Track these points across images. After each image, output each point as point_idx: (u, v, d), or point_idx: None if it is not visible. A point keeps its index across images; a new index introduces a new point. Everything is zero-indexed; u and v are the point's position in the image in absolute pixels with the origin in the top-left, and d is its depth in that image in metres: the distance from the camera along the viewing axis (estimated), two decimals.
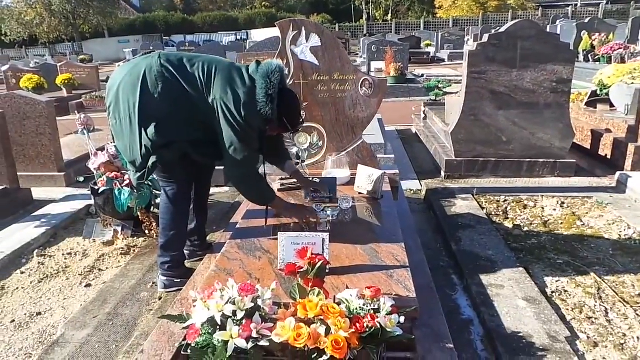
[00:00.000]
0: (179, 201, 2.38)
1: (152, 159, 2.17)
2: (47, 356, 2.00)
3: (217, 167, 4.32)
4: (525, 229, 3.13)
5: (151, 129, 2.10)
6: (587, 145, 4.75)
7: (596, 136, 4.65)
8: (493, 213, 3.40)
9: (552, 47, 3.97)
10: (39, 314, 2.37)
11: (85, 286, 2.63)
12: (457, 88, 8.42)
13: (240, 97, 2.07)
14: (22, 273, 2.79)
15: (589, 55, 10.96)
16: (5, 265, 2.86)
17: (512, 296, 2.25)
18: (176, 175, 2.35)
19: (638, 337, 1.99)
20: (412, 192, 4.05)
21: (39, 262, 2.91)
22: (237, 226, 2.44)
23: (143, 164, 2.18)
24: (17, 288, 2.63)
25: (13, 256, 2.94)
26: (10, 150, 3.82)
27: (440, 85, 6.40)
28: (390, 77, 9.72)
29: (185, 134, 2.17)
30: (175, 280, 2.43)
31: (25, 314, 2.36)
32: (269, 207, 2.32)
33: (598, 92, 5.58)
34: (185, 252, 2.60)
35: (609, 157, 4.39)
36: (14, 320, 2.31)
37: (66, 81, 10.37)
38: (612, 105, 5.24)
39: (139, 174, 2.24)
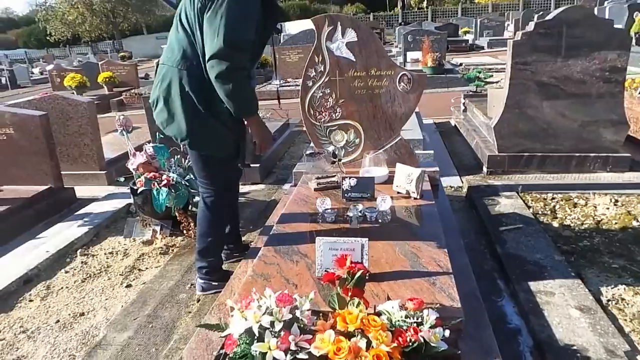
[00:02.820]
0: (217, 208, 2.36)
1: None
2: (89, 359, 2.03)
3: (251, 165, 4.34)
4: (576, 229, 2.95)
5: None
6: None
7: None
8: (540, 212, 3.23)
9: (605, 34, 3.71)
10: (82, 314, 2.42)
11: (126, 286, 2.67)
12: (498, 77, 8.10)
13: None
14: (66, 272, 2.87)
15: None
16: (50, 264, 2.94)
17: (563, 304, 2.12)
18: (215, 179, 2.32)
19: None
20: (453, 189, 3.91)
21: (82, 262, 2.98)
22: (274, 229, 2.40)
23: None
24: (62, 287, 2.70)
25: (58, 255, 3.02)
26: (54, 151, 3.94)
27: (481, 76, 6.16)
28: (427, 67, 9.47)
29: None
30: (213, 284, 2.42)
31: (69, 315, 2.42)
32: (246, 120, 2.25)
33: None
34: (222, 255, 2.59)
35: None
36: (58, 321, 2.37)
37: (107, 79, 10.67)
38: None
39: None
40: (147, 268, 2.88)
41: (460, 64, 11.77)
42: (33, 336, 2.26)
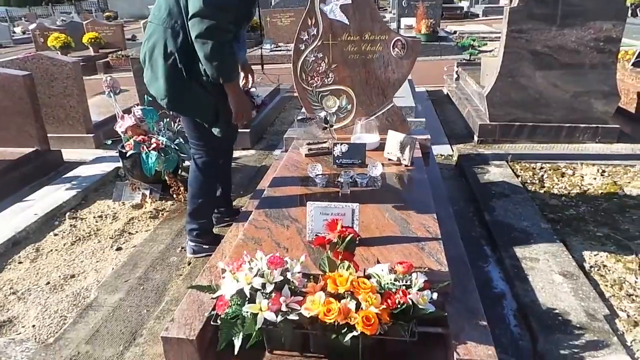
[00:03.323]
0: (208, 170, 2.35)
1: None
2: (81, 319, 2.05)
3: (240, 130, 4.29)
4: (563, 198, 3.00)
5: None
6: (632, 109, 4.47)
7: None
8: (528, 181, 3.26)
9: (602, 3, 3.67)
10: (73, 276, 2.43)
11: (116, 249, 2.67)
12: (493, 46, 8.02)
13: None
14: (55, 235, 2.85)
15: (638, 10, 10.23)
16: (39, 227, 2.92)
17: (547, 270, 2.17)
18: (207, 140, 2.30)
19: None
20: (443, 157, 3.92)
21: (71, 225, 2.96)
22: (265, 193, 2.40)
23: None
24: (51, 250, 2.69)
25: (46, 218, 3.00)
26: (39, 112, 3.84)
27: (474, 44, 6.08)
28: (421, 34, 9.33)
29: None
30: (204, 247, 2.44)
31: (60, 276, 2.42)
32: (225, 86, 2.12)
33: None
34: (213, 218, 2.60)
35: None
36: (49, 283, 2.37)
37: (92, 40, 10.34)
38: None
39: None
40: (137, 232, 2.88)
41: (455, 32, 11.61)
42: (23, 297, 2.27)
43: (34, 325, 2.05)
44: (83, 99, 4.42)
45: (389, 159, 2.68)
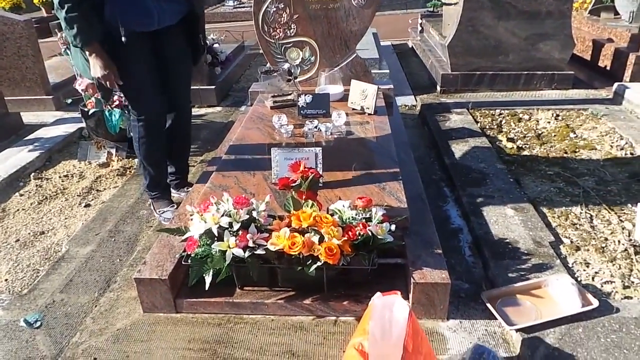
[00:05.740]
0: (134, 127, 2.29)
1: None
2: (54, 271, 2.09)
3: (205, 87, 4.24)
4: (519, 141, 3.14)
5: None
6: (588, 57, 4.63)
7: (597, 46, 4.51)
8: (487, 127, 3.39)
9: None
10: (42, 233, 2.44)
11: (85, 206, 2.68)
12: None
13: None
14: (20, 195, 2.83)
15: None
16: (3, 188, 2.89)
17: (501, 206, 2.32)
18: (133, 103, 2.23)
19: (619, 241, 2.08)
20: (407, 107, 4.01)
21: (36, 185, 2.94)
22: (231, 144, 2.44)
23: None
24: (18, 210, 2.68)
25: (10, 179, 2.96)
26: None
27: None
28: None
29: None
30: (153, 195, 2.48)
31: (29, 234, 2.43)
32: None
33: None
34: (172, 184, 2.60)
35: (608, 68, 4.30)
36: (18, 240, 2.38)
37: (44, 0, 9.79)
38: (616, 13, 5.03)
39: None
40: (105, 189, 2.88)
41: None
42: None
43: (6, 279, 2.08)
44: (39, 59, 4.26)
45: (353, 109, 2.74)
